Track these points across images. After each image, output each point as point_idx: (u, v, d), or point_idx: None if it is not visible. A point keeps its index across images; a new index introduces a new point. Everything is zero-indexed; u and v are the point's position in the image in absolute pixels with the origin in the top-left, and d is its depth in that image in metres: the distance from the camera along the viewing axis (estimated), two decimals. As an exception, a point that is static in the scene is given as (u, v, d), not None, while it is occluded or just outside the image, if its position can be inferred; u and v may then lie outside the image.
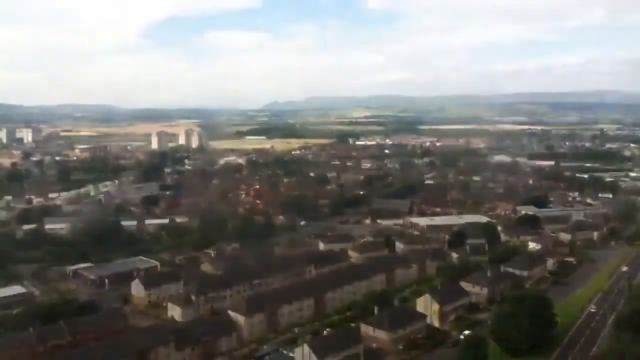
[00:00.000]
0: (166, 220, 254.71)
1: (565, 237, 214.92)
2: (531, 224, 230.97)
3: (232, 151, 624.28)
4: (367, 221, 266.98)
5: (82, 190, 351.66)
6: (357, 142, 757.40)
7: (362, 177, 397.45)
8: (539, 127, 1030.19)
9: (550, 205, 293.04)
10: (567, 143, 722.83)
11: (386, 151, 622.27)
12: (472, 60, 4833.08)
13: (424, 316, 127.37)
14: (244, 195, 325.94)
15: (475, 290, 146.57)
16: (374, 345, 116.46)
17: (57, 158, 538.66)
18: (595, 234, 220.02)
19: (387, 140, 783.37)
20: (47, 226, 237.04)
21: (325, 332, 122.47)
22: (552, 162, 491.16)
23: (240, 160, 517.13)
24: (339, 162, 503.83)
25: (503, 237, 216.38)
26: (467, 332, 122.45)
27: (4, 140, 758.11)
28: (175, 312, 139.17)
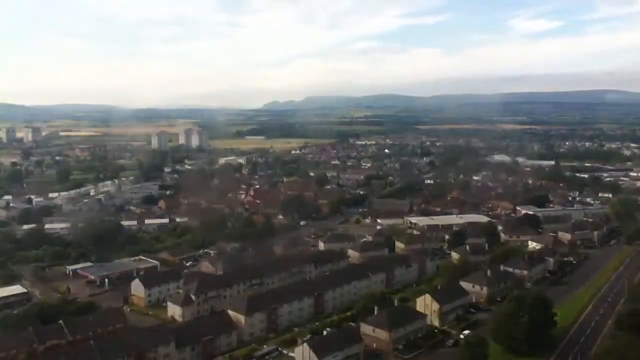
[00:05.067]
0: (166, 220, 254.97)
1: (565, 237, 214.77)
2: (531, 224, 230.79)
3: (232, 151, 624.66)
4: (367, 221, 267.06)
5: (82, 190, 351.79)
6: (357, 142, 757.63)
7: (362, 177, 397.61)
8: (539, 127, 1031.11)
9: (550, 205, 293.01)
10: (567, 143, 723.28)
11: (386, 151, 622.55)
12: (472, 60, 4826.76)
13: (424, 316, 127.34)
14: (244, 195, 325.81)
15: (475, 290, 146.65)
16: (374, 345, 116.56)
17: (57, 158, 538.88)
18: (595, 234, 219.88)
19: (387, 140, 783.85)
20: (47, 226, 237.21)
21: (325, 332, 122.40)
22: (552, 162, 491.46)
23: (240, 160, 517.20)
24: (339, 162, 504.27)
25: (503, 237, 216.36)
26: (467, 332, 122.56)
27: (4, 140, 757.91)
28: (175, 311, 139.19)
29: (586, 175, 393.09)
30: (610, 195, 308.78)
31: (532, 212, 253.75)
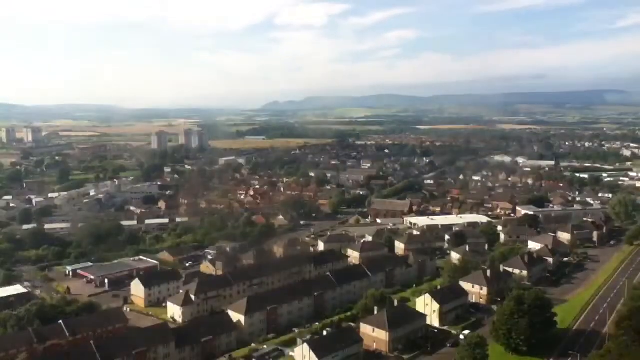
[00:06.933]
0: (166, 220, 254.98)
1: (565, 237, 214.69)
2: (531, 224, 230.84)
3: (232, 151, 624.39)
4: (367, 221, 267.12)
5: (82, 190, 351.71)
6: (357, 142, 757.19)
7: (362, 177, 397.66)
8: (539, 127, 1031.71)
9: (550, 205, 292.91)
10: (567, 143, 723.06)
11: (386, 151, 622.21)
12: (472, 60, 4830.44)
13: (423, 316, 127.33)
14: (243, 195, 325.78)
15: (475, 290, 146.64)
16: (374, 345, 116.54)
17: (57, 158, 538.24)
18: (595, 234, 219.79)
19: (387, 140, 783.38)
20: (47, 226, 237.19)
21: (325, 332, 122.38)
22: (552, 162, 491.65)
23: (240, 160, 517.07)
24: (339, 162, 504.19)
25: (503, 237, 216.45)
26: (467, 332, 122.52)
27: (4, 140, 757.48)
28: (175, 312, 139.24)
29: (586, 175, 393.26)
30: (610, 195, 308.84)
31: (532, 212, 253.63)
